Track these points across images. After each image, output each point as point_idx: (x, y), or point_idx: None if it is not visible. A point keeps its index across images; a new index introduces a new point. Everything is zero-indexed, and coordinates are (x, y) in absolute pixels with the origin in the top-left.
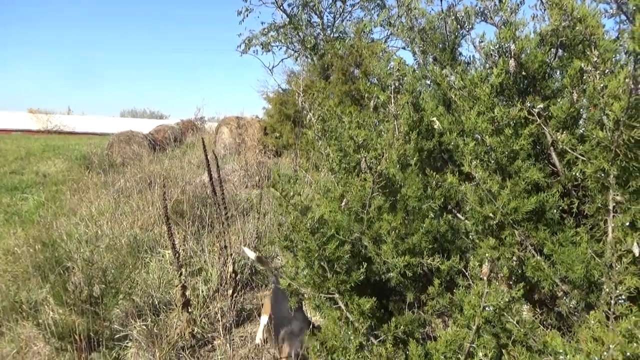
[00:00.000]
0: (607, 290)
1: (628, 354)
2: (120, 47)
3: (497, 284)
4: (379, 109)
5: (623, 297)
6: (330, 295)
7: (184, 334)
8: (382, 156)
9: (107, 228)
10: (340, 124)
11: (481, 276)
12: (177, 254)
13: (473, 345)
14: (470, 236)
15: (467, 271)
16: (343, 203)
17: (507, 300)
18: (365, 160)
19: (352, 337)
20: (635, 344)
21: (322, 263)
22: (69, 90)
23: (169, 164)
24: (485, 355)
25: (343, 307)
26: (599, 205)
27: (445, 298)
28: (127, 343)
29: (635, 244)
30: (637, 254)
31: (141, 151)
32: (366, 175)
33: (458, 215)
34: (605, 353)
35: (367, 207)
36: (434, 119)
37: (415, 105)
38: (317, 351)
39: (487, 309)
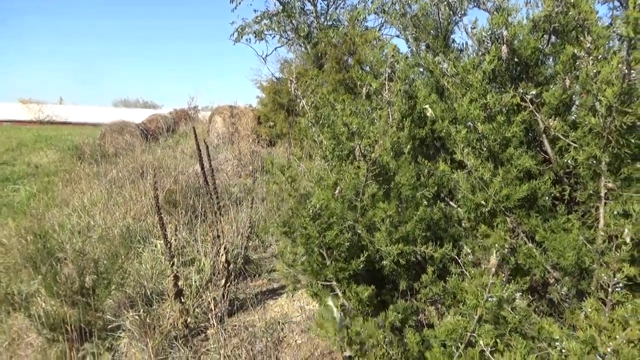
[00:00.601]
0: (605, 277)
1: (624, 341)
2: (112, 37)
3: (499, 276)
4: (371, 96)
5: (620, 285)
6: (329, 283)
7: (177, 324)
8: (376, 144)
9: (99, 219)
10: (333, 111)
11: (488, 267)
12: (168, 244)
13: (474, 334)
14: (463, 224)
15: (460, 259)
16: (337, 191)
17: (511, 292)
18: (359, 148)
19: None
20: (633, 332)
21: (321, 250)
22: (60, 80)
23: (162, 153)
24: (487, 344)
25: (341, 294)
26: (591, 192)
27: (438, 286)
28: (119, 333)
29: (626, 230)
30: (628, 241)
31: (134, 141)
32: (360, 163)
33: (451, 203)
34: (604, 340)
35: (360, 195)
36: (427, 106)
37: (408, 93)
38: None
39: (490, 299)
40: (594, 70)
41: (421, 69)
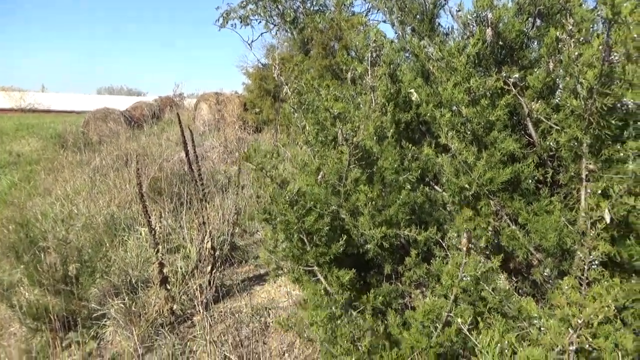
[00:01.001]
0: (581, 256)
1: (600, 317)
2: (95, 21)
3: (475, 254)
4: (356, 81)
5: (596, 262)
6: (310, 268)
7: (163, 311)
8: (359, 128)
9: (83, 207)
10: (317, 96)
11: (460, 247)
12: (153, 231)
13: (451, 314)
14: (447, 207)
15: (444, 242)
16: (320, 176)
17: (484, 270)
18: (342, 133)
19: (333, 308)
20: (607, 308)
21: (301, 235)
22: (43, 67)
23: (147, 141)
24: (463, 323)
25: (322, 279)
26: (572, 174)
27: (422, 268)
28: (105, 322)
29: (606, 211)
30: (608, 221)
31: (118, 129)
32: (343, 148)
33: (435, 187)
34: (574, 312)
35: (344, 180)
36: (412, 90)
37: (393, 77)
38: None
39: (465, 278)
40: (576, 53)
41: (407, 53)
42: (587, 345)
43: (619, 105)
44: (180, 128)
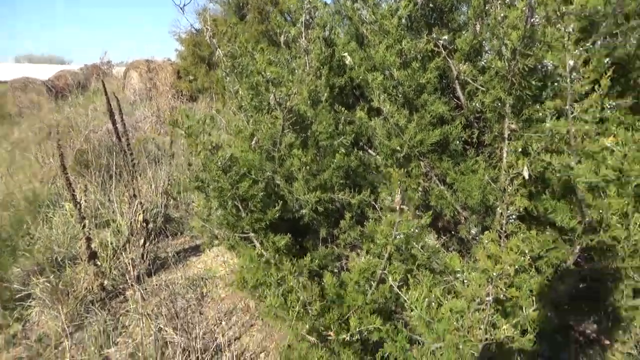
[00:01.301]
0: (501, 211)
1: (516, 267)
2: None
3: (408, 214)
4: (290, 45)
5: (514, 216)
6: (245, 235)
7: (92, 288)
8: (293, 93)
9: (1, 183)
10: (252, 61)
11: (393, 206)
12: (78, 205)
13: (385, 272)
14: (380, 170)
15: (377, 204)
16: (254, 142)
17: (416, 228)
18: (275, 97)
19: (272, 272)
20: (522, 258)
21: (235, 202)
22: None
23: (71, 111)
24: (395, 279)
25: (258, 245)
26: (496, 133)
27: (356, 231)
28: (29, 302)
29: (525, 167)
30: (526, 177)
31: (40, 99)
32: (277, 113)
33: (369, 151)
34: (491, 265)
35: (278, 145)
36: (346, 54)
37: (327, 41)
38: (240, 286)
39: (398, 237)
40: (502, 15)
41: (341, 16)
42: (502, 296)
43: (539, 66)
44: (106, 97)
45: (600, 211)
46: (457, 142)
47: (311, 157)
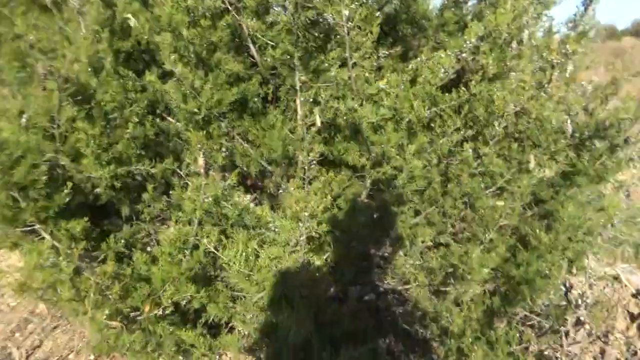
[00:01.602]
0: (302, 159)
1: (322, 207)
2: None
3: (214, 176)
4: (61, 7)
5: (314, 162)
6: (30, 227)
7: None
8: (70, 60)
9: None
10: (12, 27)
11: (197, 170)
12: None
13: (197, 237)
14: (182, 137)
15: (181, 171)
16: (23, 120)
17: (223, 188)
18: (44, 66)
19: (63, 265)
20: (325, 199)
21: (11, 192)
22: None
23: None
24: (209, 242)
25: (48, 236)
26: (289, 87)
27: (161, 202)
28: None
29: (317, 115)
30: (319, 124)
31: None
32: (51, 84)
33: (168, 118)
34: (299, 210)
35: (57, 121)
36: (129, 15)
37: (106, 1)
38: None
39: (206, 200)
40: None
41: None
42: (314, 233)
43: (320, 19)
44: None
45: (382, 146)
46: (255, 99)
47: (99, 129)
